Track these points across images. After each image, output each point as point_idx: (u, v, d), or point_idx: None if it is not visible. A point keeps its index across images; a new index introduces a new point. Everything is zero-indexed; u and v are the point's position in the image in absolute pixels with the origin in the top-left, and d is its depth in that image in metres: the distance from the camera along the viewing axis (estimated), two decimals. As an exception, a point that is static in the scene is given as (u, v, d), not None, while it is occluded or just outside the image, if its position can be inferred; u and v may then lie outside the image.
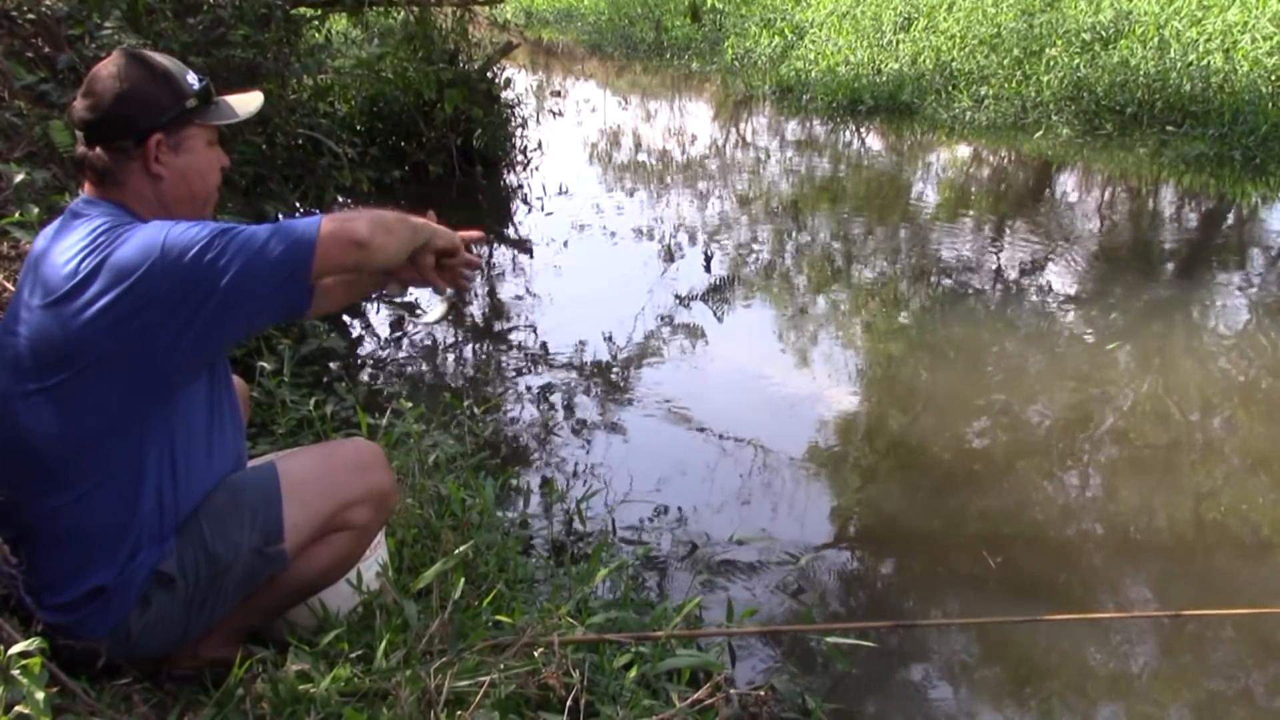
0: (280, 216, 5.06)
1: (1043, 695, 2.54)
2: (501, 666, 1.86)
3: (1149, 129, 8.11)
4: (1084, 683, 2.57)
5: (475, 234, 2.03)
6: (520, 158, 8.12)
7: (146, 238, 1.64)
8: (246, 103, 1.92)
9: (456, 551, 2.27)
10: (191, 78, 1.81)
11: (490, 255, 6.45)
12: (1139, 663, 2.67)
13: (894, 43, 10.60)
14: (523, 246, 6.37)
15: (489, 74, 7.55)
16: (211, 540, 1.78)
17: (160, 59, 1.80)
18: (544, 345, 4.74)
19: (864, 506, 3.43)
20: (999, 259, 6.01)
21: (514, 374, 4.48)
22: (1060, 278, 5.59)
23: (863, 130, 9.33)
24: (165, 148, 1.77)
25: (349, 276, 2.05)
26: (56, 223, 1.78)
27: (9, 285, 2.85)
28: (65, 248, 1.69)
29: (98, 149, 1.75)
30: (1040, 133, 8.39)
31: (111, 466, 1.69)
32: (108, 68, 1.76)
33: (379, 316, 5.19)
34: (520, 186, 7.69)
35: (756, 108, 10.58)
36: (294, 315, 1.77)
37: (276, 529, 1.83)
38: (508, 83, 8.09)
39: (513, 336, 4.96)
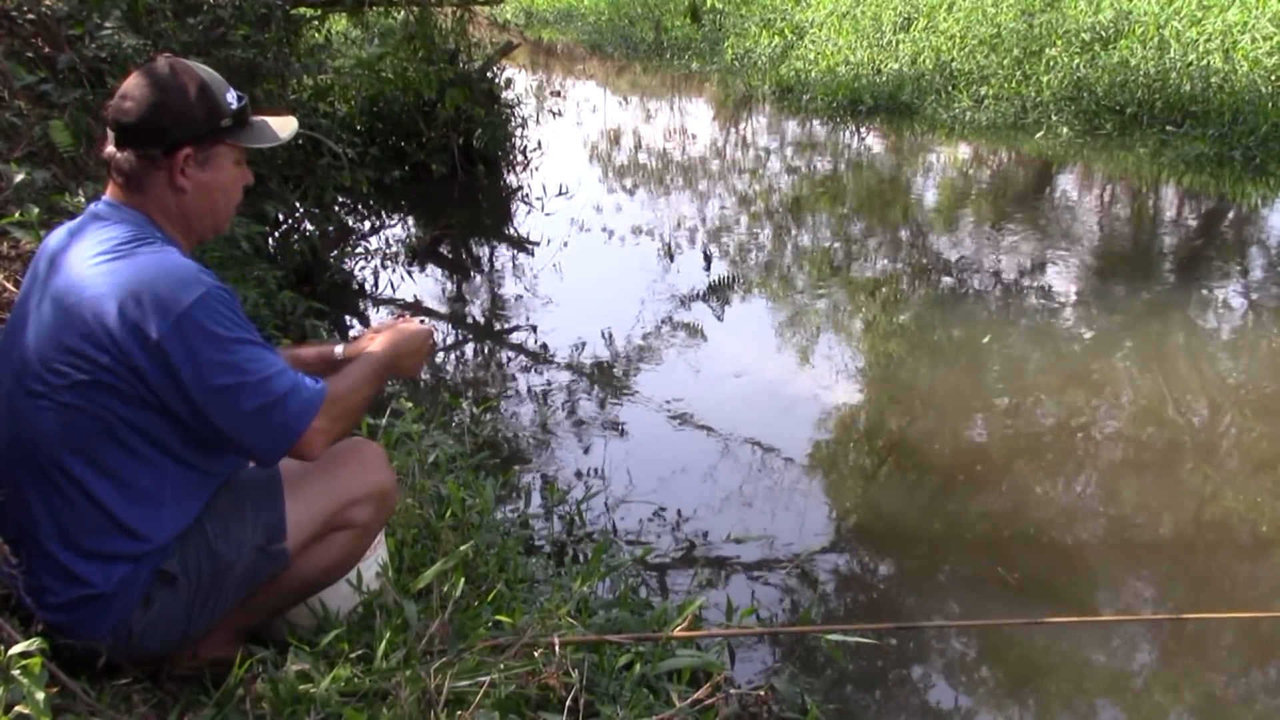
0: (280, 216, 5.06)
1: (1042, 696, 2.54)
2: (501, 666, 1.86)
3: (1149, 129, 8.11)
4: (1083, 684, 2.57)
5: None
6: (520, 158, 8.12)
7: (171, 294, 1.63)
8: (282, 126, 1.90)
9: (456, 551, 2.27)
10: (231, 96, 1.80)
11: (491, 255, 6.45)
12: (1139, 664, 2.67)
13: (894, 43, 10.59)
14: (523, 246, 6.37)
15: (489, 74, 7.55)
16: (214, 538, 1.78)
17: (202, 72, 1.78)
18: (544, 345, 4.74)
19: (864, 506, 3.43)
20: (999, 259, 6.00)
21: (514, 374, 4.48)
22: (1060, 278, 5.59)
23: (863, 130, 9.33)
24: (193, 162, 1.76)
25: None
26: (77, 221, 1.78)
27: (9, 285, 2.85)
28: (83, 254, 1.69)
29: (127, 152, 1.74)
30: (1040, 133, 8.39)
31: (112, 469, 1.69)
32: (149, 74, 1.75)
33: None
34: (520, 186, 7.69)
35: (756, 108, 10.57)
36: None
37: (278, 527, 1.83)
38: (508, 83, 8.08)
39: (513, 336, 4.96)
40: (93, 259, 1.67)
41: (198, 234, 1.84)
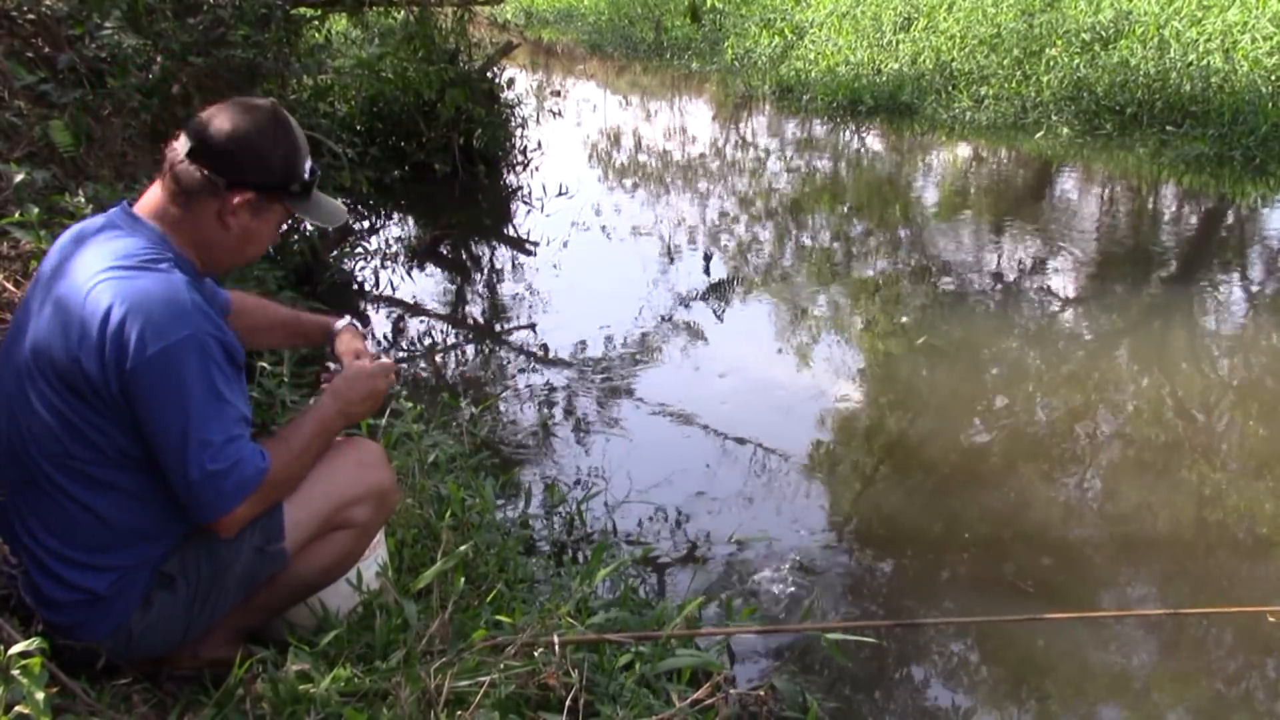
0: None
1: (1042, 693, 2.54)
2: (501, 666, 1.86)
3: (1149, 129, 8.11)
4: (1083, 681, 2.57)
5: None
6: (520, 158, 8.12)
7: (159, 327, 1.61)
8: (335, 212, 1.92)
9: (456, 551, 2.27)
10: (307, 165, 1.82)
11: (491, 255, 6.45)
12: (1138, 661, 2.66)
13: (894, 43, 10.59)
14: (523, 246, 6.37)
15: (489, 74, 7.55)
16: (212, 539, 1.78)
17: (296, 133, 1.81)
18: (544, 345, 4.74)
19: (864, 506, 3.43)
20: (999, 259, 6.00)
21: (514, 374, 4.48)
22: (1060, 278, 5.59)
23: (863, 130, 9.33)
24: (248, 207, 1.76)
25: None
26: (90, 226, 1.77)
27: (9, 286, 2.85)
28: (91, 264, 1.68)
29: (194, 166, 1.72)
30: (1040, 133, 8.39)
31: (102, 478, 1.69)
32: (252, 110, 1.76)
33: (378, 317, 5.19)
34: (520, 186, 7.69)
35: (756, 108, 10.57)
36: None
37: (277, 527, 1.83)
38: (508, 83, 8.08)
39: (513, 336, 4.96)
40: (100, 271, 1.66)
41: (216, 265, 1.84)
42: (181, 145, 1.74)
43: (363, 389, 1.91)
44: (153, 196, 1.77)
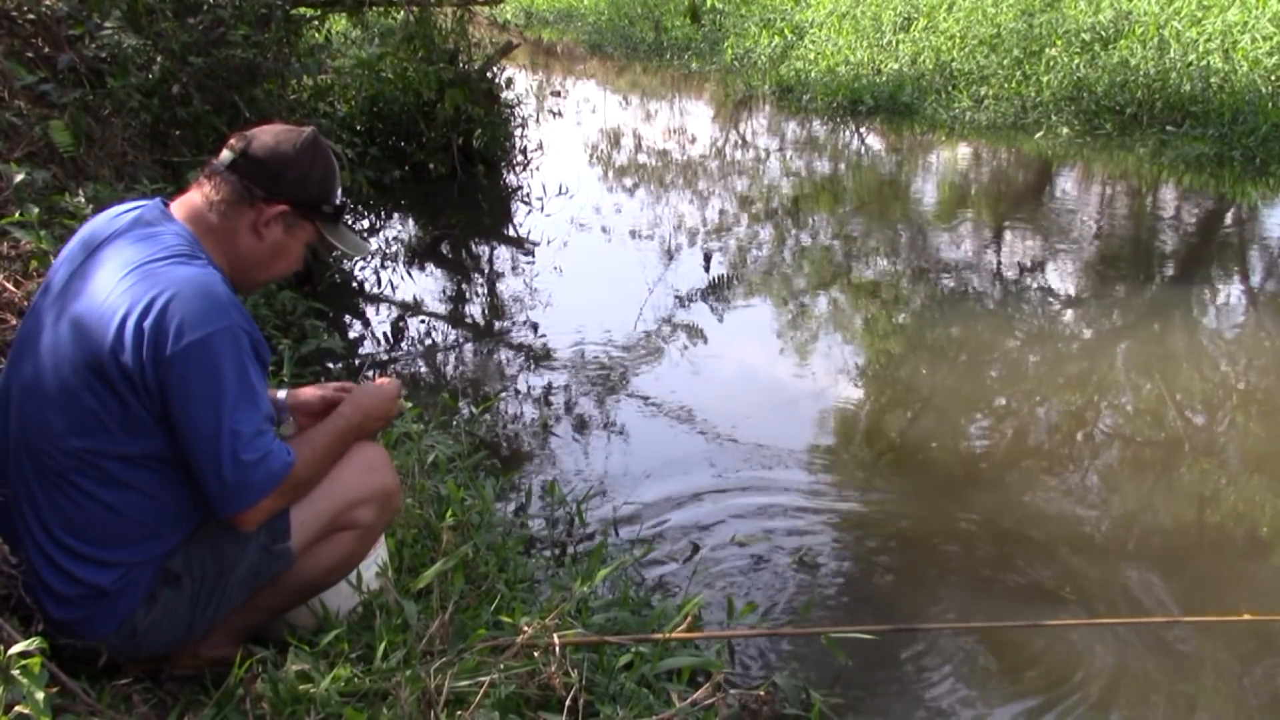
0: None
1: (1042, 694, 2.54)
2: (501, 666, 1.86)
3: (1149, 129, 8.11)
4: (1083, 683, 2.57)
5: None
6: (520, 157, 8.12)
7: (197, 317, 1.64)
8: (359, 244, 2.06)
9: (456, 551, 2.27)
10: (339, 194, 1.94)
11: (491, 255, 6.45)
12: (1139, 665, 2.66)
13: (894, 43, 10.60)
14: (523, 246, 6.37)
15: (489, 74, 7.55)
16: (218, 537, 1.79)
17: (334, 161, 1.92)
18: (544, 345, 4.74)
19: (865, 506, 3.43)
20: (999, 259, 6.00)
21: (514, 374, 4.47)
22: (1060, 278, 5.59)
23: (863, 130, 9.33)
24: (282, 220, 1.83)
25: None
26: (119, 220, 1.78)
27: (9, 286, 2.85)
28: (125, 258, 1.69)
29: (234, 177, 1.79)
30: (1040, 133, 8.39)
31: (117, 473, 1.69)
32: (295, 134, 1.85)
33: (379, 318, 5.19)
34: (520, 186, 7.69)
35: (756, 108, 10.57)
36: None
37: (283, 526, 1.84)
38: (508, 83, 8.08)
39: (512, 336, 4.96)
40: (136, 262, 1.68)
41: (244, 280, 1.87)
42: (224, 157, 1.81)
43: (381, 408, 1.98)
44: (190, 201, 1.82)
